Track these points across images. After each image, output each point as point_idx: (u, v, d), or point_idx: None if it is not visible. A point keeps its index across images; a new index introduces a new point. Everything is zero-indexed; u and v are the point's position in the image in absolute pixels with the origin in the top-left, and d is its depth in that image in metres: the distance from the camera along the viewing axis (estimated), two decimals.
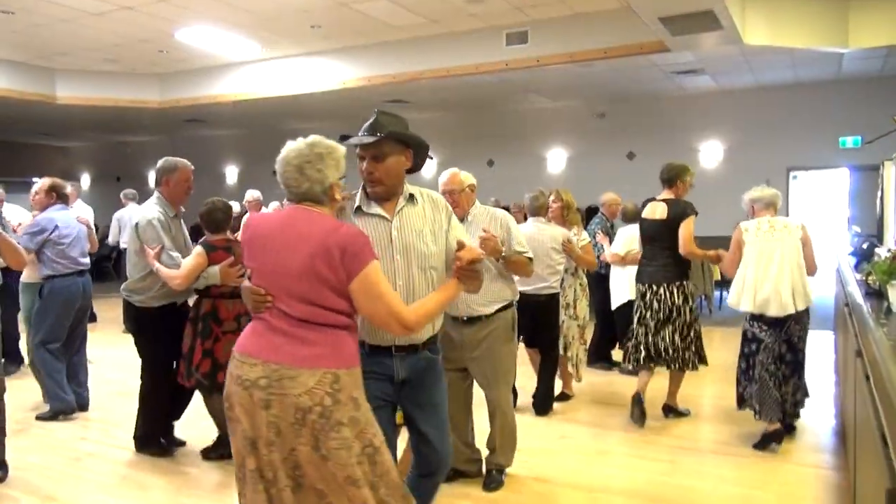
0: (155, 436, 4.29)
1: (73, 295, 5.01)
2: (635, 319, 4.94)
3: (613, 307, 6.32)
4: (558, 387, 5.44)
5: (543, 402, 5.15)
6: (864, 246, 5.18)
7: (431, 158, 2.69)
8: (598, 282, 6.56)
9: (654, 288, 4.80)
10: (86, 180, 18.80)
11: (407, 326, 2.20)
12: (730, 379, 4.83)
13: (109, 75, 11.25)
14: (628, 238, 5.97)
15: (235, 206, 6.72)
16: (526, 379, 5.34)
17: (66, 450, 4.42)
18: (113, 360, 6.86)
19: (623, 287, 6.13)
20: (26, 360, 5.44)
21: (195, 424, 4.51)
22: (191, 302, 4.18)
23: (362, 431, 2.14)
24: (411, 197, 2.53)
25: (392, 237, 2.46)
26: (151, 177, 15.69)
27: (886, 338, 2.38)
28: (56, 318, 4.97)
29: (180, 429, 4.47)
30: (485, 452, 3.87)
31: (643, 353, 4.83)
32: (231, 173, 16.15)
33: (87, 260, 5.19)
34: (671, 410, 5.05)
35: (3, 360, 4.07)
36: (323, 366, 2.09)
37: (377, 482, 2.16)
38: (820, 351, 6.87)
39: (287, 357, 2.10)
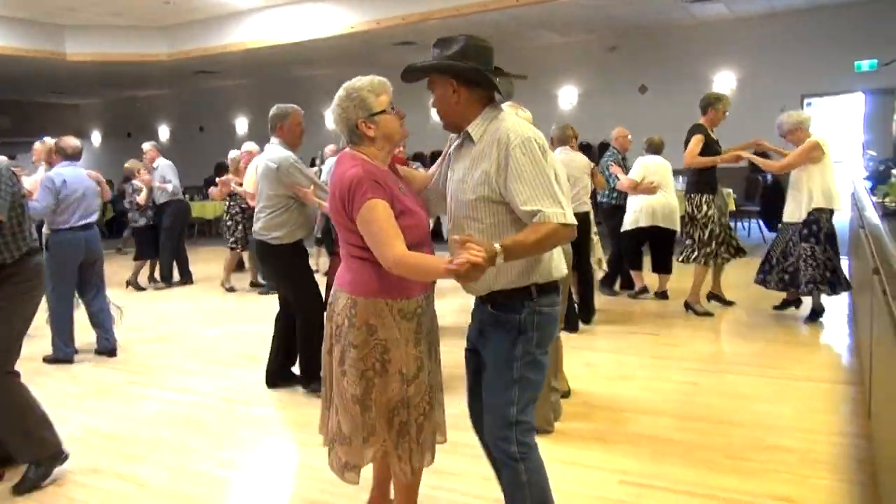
0: (318, 370, 4.03)
1: (75, 249, 5.20)
2: None
3: (622, 230, 6.67)
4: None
5: (587, 314, 5.82)
6: (881, 169, 5.27)
7: (518, 77, 2.28)
8: (614, 212, 6.78)
9: None
10: (96, 137, 18.88)
11: (386, 264, 2.18)
12: (745, 304, 5.06)
13: (117, 29, 11.22)
14: (643, 167, 6.39)
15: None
16: None
17: (119, 393, 4.67)
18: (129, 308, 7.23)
19: (633, 213, 6.49)
20: None
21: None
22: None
23: (368, 355, 2.32)
24: (465, 135, 2.21)
25: (448, 177, 2.34)
26: (162, 131, 15.80)
27: None
28: (61, 271, 5.17)
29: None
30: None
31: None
32: (241, 125, 16.15)
33: (94, 216, 5.36)
34: (713, 297, 6.10)
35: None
36: (349, 291, 2.36)
37: (370, 404, 2.33)
38: None
39: (339, 281, 2.43)
